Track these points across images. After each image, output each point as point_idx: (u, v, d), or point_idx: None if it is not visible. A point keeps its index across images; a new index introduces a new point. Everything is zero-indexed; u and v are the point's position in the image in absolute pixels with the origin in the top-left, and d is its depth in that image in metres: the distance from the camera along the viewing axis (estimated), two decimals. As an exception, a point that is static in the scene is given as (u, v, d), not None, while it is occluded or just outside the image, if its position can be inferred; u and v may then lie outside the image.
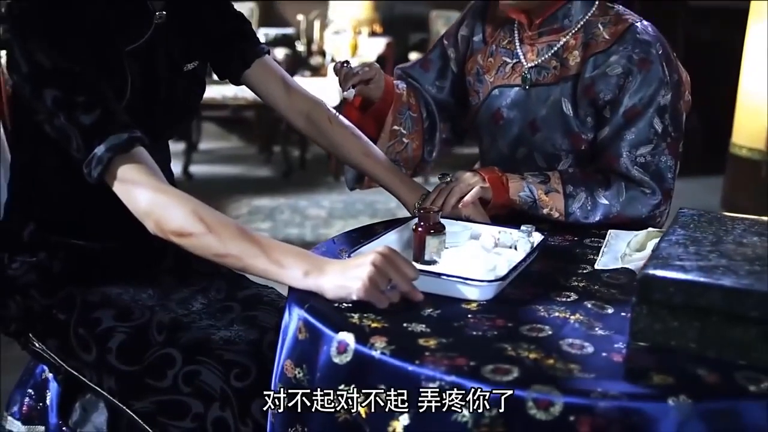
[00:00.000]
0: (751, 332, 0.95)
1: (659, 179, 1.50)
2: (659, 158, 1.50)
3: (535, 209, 1.49)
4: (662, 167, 1.50)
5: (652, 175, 1.49)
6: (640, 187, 1.50)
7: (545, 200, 1.49)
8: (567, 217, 1.49)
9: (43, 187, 1.43)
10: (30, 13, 1.25)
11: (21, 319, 1.43)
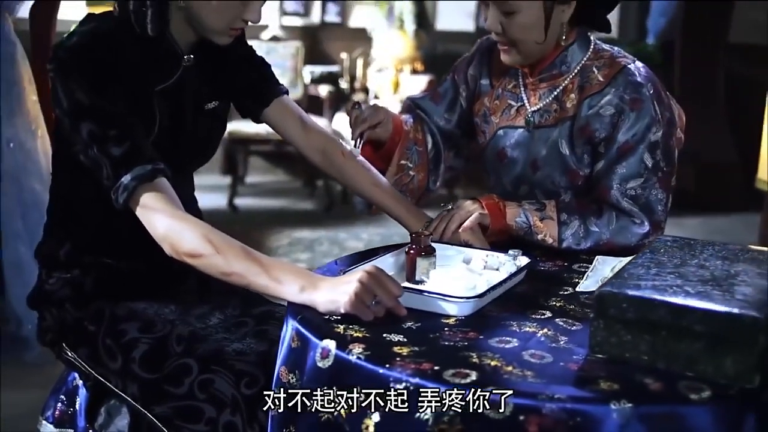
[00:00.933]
0: (696, 346, 1.03)
1: (649, 211, 1.59)
2: (649, 191, 1.59)
3: (531, 235, 1.59)
4: (652, 200, 1.59)
5: (642, 207, 1.58)
6: (630, 217, 1.58)
7: (540, 227, 1.59)
8: (560, 243, 1.59)
9: (78, 211, 1.57)
10: (73, 56, 1.40)
11: (56, 329, 1.57)
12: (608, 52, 1.67)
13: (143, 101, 1.47)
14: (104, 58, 1.40)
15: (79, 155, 1.42)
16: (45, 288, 1.58)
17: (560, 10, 1.59)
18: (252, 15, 1.47)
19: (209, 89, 1.62)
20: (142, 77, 1.46)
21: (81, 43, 1.41)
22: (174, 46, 1.51)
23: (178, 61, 1.53)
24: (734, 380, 1.02)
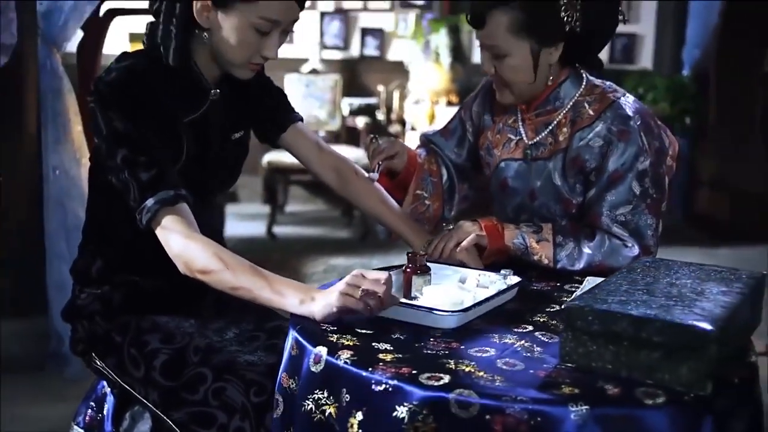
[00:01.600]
0: (654, 355, 1.12)
1: (638, 236, 1.67)
2: (639, 217, 1.67)
3: (527, 256, 1.69)
4: (641, 225, 1.67)
5: (631, 232, 1.67)
6: (621, 241, 1.67)
7: (536, 248, 1.68)
8: (555, 264, 1.68)
9: (108, 231, 1.72)
10: (111, 89, 1.55)
11: (87, 340, 1.71)
12: (600, 87, 1.76)
13: (172, 132, 1.60)
14: (138, 92, 1.55)
15: (111, 178, 1.56)
16: (77, 302, 1.72)
17: (548, 53, 1.69)
18: (269, 51, 1.60)
19: (233, 120, 1.75)
20: (172, 110, 1.60)
21: (118, 78, 1.56)
22: (201, 81, 1.65)
23: (205, 95, 1.67)
24: (689, 387, 1.10)
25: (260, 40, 1.57)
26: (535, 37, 1.67)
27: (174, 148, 1.59)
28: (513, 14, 1.65)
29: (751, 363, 1.24)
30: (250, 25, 1.54)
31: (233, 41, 1.56)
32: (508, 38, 1.67)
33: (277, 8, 1.53)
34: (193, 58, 1.62)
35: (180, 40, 1.57)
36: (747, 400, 1.18)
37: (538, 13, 1.65)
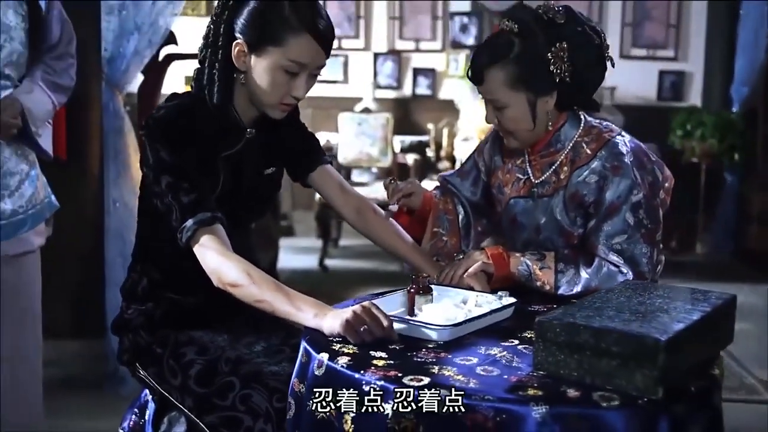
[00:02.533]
0: (612, 363, 1.26)
1: (633, 263, 1.79)
2: (634, 246, 1.80)
3: (531, 282, 1.83)
4: (636, 253, 1.80)
5: (627, 260, 1.79)
6: (617, 267, 1.80)
7: (539, 275, 1.83)
8: (556, 290, 1.82)
9: (154, 254, 1.92)
10: (159, 125, 1.77)
11: (131, 352, 1.91)
12: (597, 128, 1.91)
13: (211, 164, 1.81)
14: (182, 128, 1.76)
15: (157, 202, 1.77)
16: (124, 317, 1.92)
17: (543, 102, 1.85)
18: (298, 92, 1.78)
19: (267, 157, 1.95)
20: (211, 145, 1.81)
21: (166, 115, 1.77)
22: (239, 121, 1.85)
23: (242, 133, 1.87)
24: (642, 392, 1.24)
25: (289, 81, 1.74)
26: (529, 89, 1.83)
27: (211, 178, 1.79)
28: (507, 70, 1.82)
29: (713, 375, 1.37)
30: (279, 68, 1.72)
31: (265, 82, 1.75)
32: (505, 92, 1.84)
33: (303, 52, 1.72)
34: (232, 100, 1.82)
35: (222, 83, 1.78)
36: (704, 407, 1.30)
37: (530, 68, 1.81)
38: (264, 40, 1.71)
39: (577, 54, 1.81)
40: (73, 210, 3.18)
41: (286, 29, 1.69)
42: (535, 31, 1.81)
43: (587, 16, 1.92)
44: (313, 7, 1.73)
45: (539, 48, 1.80)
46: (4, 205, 2.12)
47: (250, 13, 1.72)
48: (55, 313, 3.22)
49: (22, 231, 2.19)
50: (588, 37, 1.83)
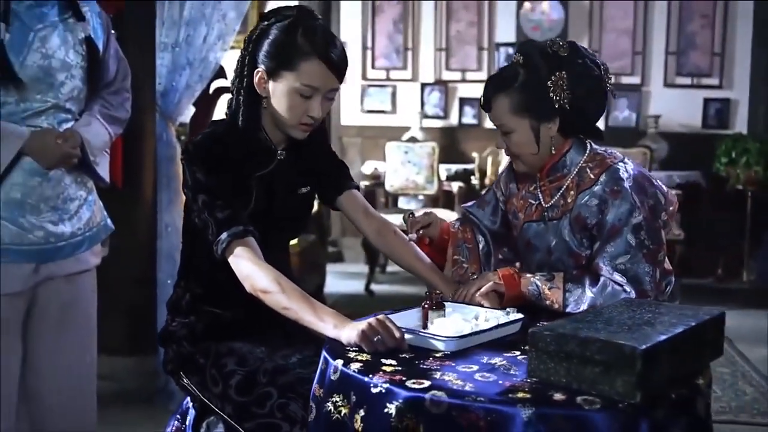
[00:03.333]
0: (596, 370, 1.38)
1: (636, 282, 1.91)
2: (636, 266, 1.91)
3: (540, 301, 1.96)
4: (639, 272, 1.91)
5: (630, 279, 1.91)
6: (621, 286, 1.91)
7: (548, 294, 1.95)
8: (564, 308, 1.94)
9: (195, 270, 2.10)
10: (197, 149, 1.96)
11: (175, 361, 2.08)
12: (601, 154, 2.04)
13: (243, 184, 1.98)
14: (216, 152, 1.95)
15: (195, 219, 1.95)
16: (169, 329, 2.10)
17: (546, 127, 1.99)
18: (314, 112, 1.94)
19: (300, 178, 2.12)
20: (244, 166, 1.99)
21: (201, 141, 1.97)
22: (269, 144, 2.03)
23: (273, 155, 2.04)
24: (623, 397, 1.36)
25: (305, 103, 1.91)
26: (532, 115, 1.98)
27: (244, 197, 1.97)
28: (512, 97, 1.97)
29: (696, 384, 1.48)
30: (294, 91, 1.90)
31: (283, 106, 1.93)
32: (510, 118, 1.99)
33: (315, 77, 1.89)
34: (262, 124, 2.00)
35: (246, 108, 1.96)
36: (684, 414, 1.41)
37: (532, 95, 1.96)
38: (280, 67, 1.89)
39: (577, 83, 1.95)
40: (128, 233, 3.41)
41: (299, 56, 1.87)
42: (538, 62, 1.97)
43: (591, 51, 2.06)
44: (324, 35, 1.90)
45: (541, 77, 1.95)
46: (63, 228, 2.32)
47: (269, 43, 1.90)
48: (111, 330, 3.43)
49: (80, 251, 2.39)
50: (588, 68, 1.97)
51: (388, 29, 7.17)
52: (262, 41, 1.92)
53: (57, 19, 2.26)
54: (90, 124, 2.34)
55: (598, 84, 1.99)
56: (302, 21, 1.90)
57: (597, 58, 2.03)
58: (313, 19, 1.93)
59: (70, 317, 2.41)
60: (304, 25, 1.89)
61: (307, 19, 1.92)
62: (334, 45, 1.91)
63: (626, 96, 6.79)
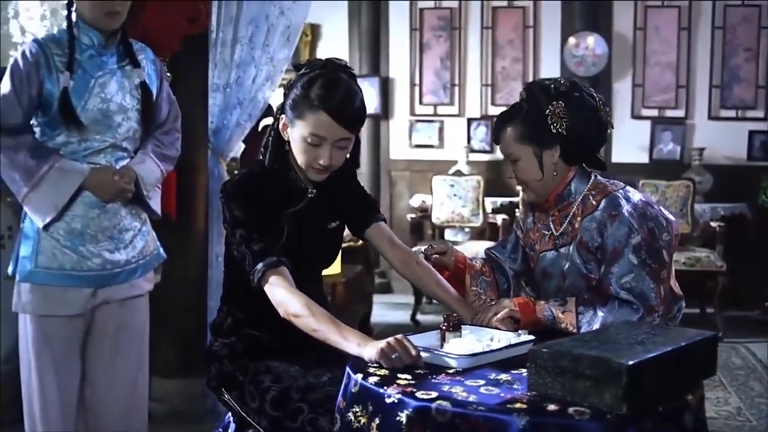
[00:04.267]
0: (587, 384, 1.52)
1: (643, 298, 2.04)
2: (642, 283, 2.04)
3: (556, 325, 2.10)
4: (645, 289, 2.04)
5: (636, 296, 2.04)
6: (629, 304, 2.04)
7: (562, 318, 2.09)
8: (578, 329, 2.07)
9: (235, 296, 2.29)
10: (234, 188, 2.16)
11: (218, 378, 2.27)
12: (603, 183, 2.19)
13: (276, 220, 2.17)
14: (250, 190, 2.15)
15: (234, 252, 2.15)
16: (212, 349, 2.29)
17: (549, 155, 2.17)
18: (323, 160, 2.10)
19: (330, 213, 2.30)
20: (277, 204, 2.18)
21: (239, 180, 2.18)
22: (300, 183, 2.22)
23: (303, 193, 2.23)
24: (611, 408, 1.49)
25: (315, 150, 2.09)
26: (534, 143, 2.16)
27: (277, 232, 2.16)
28: (516, 127, 2.17)
29: (685, 400, 1.60)
30: (303, 139, 2.09)
31: (297, 150, 2.12)
32: (516, 146, 2.18)
33: (320, 127, 2.06)
34: (292, 165, 2.19)
35: (274, 150, 2.17)
36: (671, 426, 1.54)
37: (533, 124, 2.15)
38: (295, 116, 2.09)
39: (574, 112, 2.13)
40: (181, 263, 3.63)
41: (308, 107, 2.06)
42: (537, 95, 2.17)
43: (591, 88, 2.23)
44: (334, 88, 2.06)
45: (540, 107, 2.15)
46: (119, 256, 2.54)
47: (291, 95, 2.11)
48: (164, 354, 3.66)
49: (134, 278, 2.61)
50: (584, 100, 2.15)
51: (435, 66, 7.36)
52: (290, 91, 2.12)
53: (115, 67, 2.51)
54: (144, 162, 2.57)
55: (594, 114, 2.16)
56: (324, 75, 2.07)
57: (595, 94, 2.20)
58: (337, 71, 2.10)
59: (124, 338, 2.63)
60: (324, 78, 2.06)
61: (329, 72, 2.09)
62: (341, 98, 2.06)
63: (670, 129, 6.85)
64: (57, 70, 2.39)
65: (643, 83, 6.90)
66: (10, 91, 2.38)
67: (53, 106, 2.38)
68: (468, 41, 7.28)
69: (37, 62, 2.39)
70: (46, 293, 2.46)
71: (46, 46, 2.42)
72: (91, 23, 2.43)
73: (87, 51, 2.45)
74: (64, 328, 2.50)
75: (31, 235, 2.46)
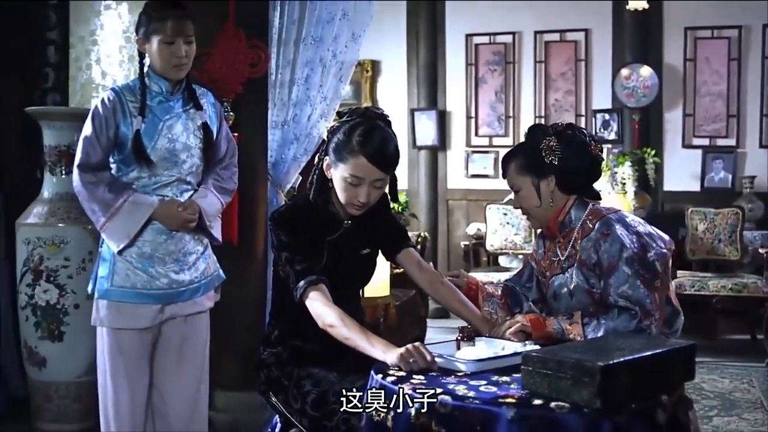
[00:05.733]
0: (568, 383, 1.77)
1: (639, 304, 2.28)
2: (637, 290, 2.29)
3: (564, 336, 2.35)
4: (641, 296, 2.28)
5: (634, 302, 2.28)
6: (628, 311, 2.28)
7: (569, 329, 2.34)
8: (585, 337, 2.31)
9: (282, 312, 2.61)
10: (281, 217, 2.50)
11: (266, 383, 2.58)
12: (599, 209, 2.46)
13: (316, 246, 2.49)
14: (295, 219, 2.47)
15: (280, 272, 2.46)
16: (261, 358, 2.61)
17: (545, 184, 2.44)
18: (361, 198, 2.40)
19: (363, 241, 2.60)
20: (317, 232, 2.50)
21: (284, 210, 2.52)
22: (338, 215, 2.53)
23: (340, 224, 2.54)
24: (587, 404, 1.74)
25: (354, 189, 2.40)
26: (532, 174, 2.44)
27: (317, 255, 2.47)
28: (517, 160, 2.47)
29: (660, 400, 1.83)
30: (343, 179, 2.40)
31: (338, 189, 2.44)
32: (517, 177, 2.47)
33: (359, 169, 2.36)
34: (332, 199, 2.51)
35: (318, 186, 2.49)
36: (643, 421, 1.77)
37: (530, 157, 2.44)
38: (337, 159, 2.40)
39: (565, 146, 2.41)
40: (241, 285, 3.97)
41: (349, 151, 2.37)
42: (536, 133, 2.48)
43: (586, 129, 2.55)
44: (372, 136, 2.37)
45: (536, 142, 2.44)
46: (184, 276, 2.89)
47: (334, 140, 2.42)
48: (226, 369, 3.99)
49: (197, 296, 2.95)
50: (575, 136, 2.44)
51: (490, 99, 7.65)
52: (333, 136, 2.44)
53: (181, 110, 2.87)
54: (206, 196, 2.92)
55: (583, 147, 2.43)
56: (363, 123, 2.40)
57: (587, 132, 2.49)
58: (374, 120, 2.42)
59: (187, 350, 2.97)
60: (363, 127, 2.38)
61: (367, 121, 2.41)
62: (383, 145, 2.38)
63: (721, 158, 6.97)
64: (131, 115, 2.76)
65: (694, 113, 7.05)
66: (92, 134, 2.75)
67: (127, 146, 2.75)
68: (521, 74, 7.55)
69: (114, 108, 2.76)
70: (120, 309, 2.81)
71: (121, 93, 2.79)
72: (161, 73, 2.80)
73: (156, 97, 2.82)
74: (135, 340, 2.85)
75: (107, 258, 2.82)
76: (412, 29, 7.81)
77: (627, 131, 7.16)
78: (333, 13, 4.15)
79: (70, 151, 4.10)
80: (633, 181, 6.59)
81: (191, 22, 2.80)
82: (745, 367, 5.54)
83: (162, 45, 2.74)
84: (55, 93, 4.72)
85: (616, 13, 7.11)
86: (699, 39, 7.05)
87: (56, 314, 3.97)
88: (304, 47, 4.16)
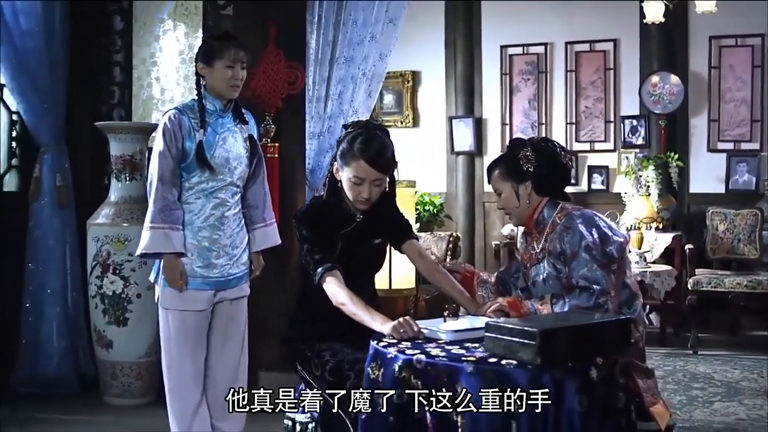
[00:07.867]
0: (517, 345, 2.24)
1: (596, 283, 2.71)
2: (594, 273, 2.72)
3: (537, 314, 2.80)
4: (598, 277, 2.71)
5: (592, 282, 2.71)
6: (586, 290, 2.72)
7: (540, 308, 2.79)
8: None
9: (306, 296, 3.11)
10: (301, 215, 3.00)
11: (293, 355, 3.08)
12: (567, 208, 2.90)
13: (332, 238, 2.98)
14: (313, 216, 2.98)
15: (303, 261, 2.97)
16: (290, 334, 3.12)
17: (523, 188, 2.90)
18: (364, 195, 2.89)
19: (373, 232, 3.09)
20: (332, 226, 2.99)
21: (305, 209, 3.05)
22: (350, 211, 3.02)
23: (353, 219, 3.04)
24: (530, 361, 2.21)
25: (358, 188, 2.89)
26: (512, 179, 2.90)
27: (332, 246, 2.97)
28: (500, 168, 2.94)
29: (594, 360, 2.28)
30: (349, 180, 2.90)
31: (346, 188, 2.93)
32: (500, 182, 2.93)
33: (360, 171, 2.85)
34: (344, 198, 3.00)
35: (329, 187, 3.00)
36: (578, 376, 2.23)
37: (510, 166, 2.90)
38: (343, 163, 2.91)
39: (538, 156, 2.87)
40: (282, 278, 4.50)
41: (352, 156, 2.87)
42: (515, 146, 2.94)
43: (558, 142, 2.98)
44: (371, 142, 2.85)
45: (515, 153, 2.90)
46: (233, 268, 3.43)
47: (340, 148, 2.93)
48: (267, 352, 4.52)
49: (241, 283, 3.50)
50: (547, 147, 2.89)
51: (523, 107, 8.07)
52: (340, 144, 2.95)
53: (232, 125, 3.42)
54: (264, 235, 3.57)
55: (554, 157, 2.88)
56: (364, 133, 2.89)
57: (558, 144, 2.95)
58: (373, 130, 2.92)
59: (232, 329, 3.52)
60: (363, 136, 2.88)
61: (367, 131, 2.91)
62: (381, 150, 2.87)
63: (745, 161, 7.26)
64: (193, 129, 3.30)
65: (719, 118, 7.36)
66: (164, 147, 3.29)
67: (190, 155, 3.29)
68: (553, 83, 7.95)
69: (179, 124, 3.30)
70: (183, 294, 3.35)
71: (183, 112, 3.34)
72: (217, 93, 3.34)
73: (212, 115, 3.36)
74: (196, 319, 3.40)
75: (175, 253, 3.38)
76: (450, 42, 8.28)
77: (654, 136, 7.51)
78: (363, 36, 4.68)
79: (133, 159, 4.73)
80: (657, 184, 6.93)
81: (245, 51, 3.34)
82: (759, 360, 5.80)
83: (224, 69, 3.30)
84: (120, 108, 5.35)
85: (643, 24, 7.44)
86: (723, 47, 7.36)
87: (121, 302, 4.59)
88: (337, 66, 4.70)
